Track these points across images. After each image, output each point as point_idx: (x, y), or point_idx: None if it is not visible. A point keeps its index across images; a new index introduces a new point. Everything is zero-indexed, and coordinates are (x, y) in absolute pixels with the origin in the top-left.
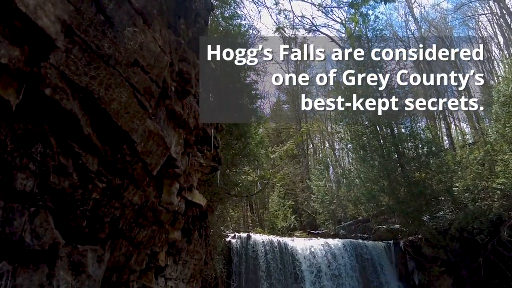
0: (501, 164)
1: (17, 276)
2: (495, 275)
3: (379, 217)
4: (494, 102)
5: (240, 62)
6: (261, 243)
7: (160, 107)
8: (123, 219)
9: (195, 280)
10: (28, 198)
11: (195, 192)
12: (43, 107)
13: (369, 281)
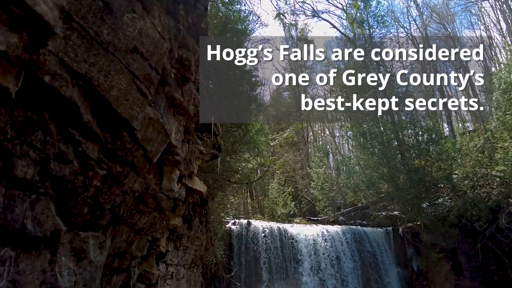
0: (501, 151)
1: (20, 262)
2: (493, 261)
3: (378, 204)
4: (495, 89)
5: (240, 63)
6: (261, 229)
7: (159, 94)
8: (124, 206)
9: (196, 265)
10: (29, 185)
11: (195, 179)
12: (43, 95)
13: (367, 267)
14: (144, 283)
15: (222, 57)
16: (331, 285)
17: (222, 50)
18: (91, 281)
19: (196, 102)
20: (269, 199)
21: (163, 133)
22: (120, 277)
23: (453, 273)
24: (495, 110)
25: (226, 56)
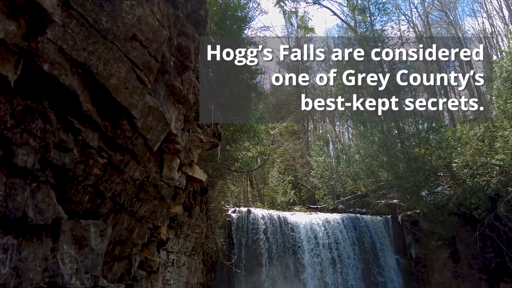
0: (501, 140)
1: (22, 250)
2: (491, 249)
3: (377, 192)
4: (496, 77)
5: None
6: (261, 217)
7: (159, 82)
8: (124, 194)
9: (197, 253)
10: (29, 173)
11: (195, 168)
12: (42, 83)
13: (366, 254)
14: (145, 270)
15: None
16: (330, 272)
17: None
18: (93, 268)
19: (196, 91)
20: (269, 188)
21: (163, 122)
22: (122, 264)
23: (451, 260)
24: (495, 98)
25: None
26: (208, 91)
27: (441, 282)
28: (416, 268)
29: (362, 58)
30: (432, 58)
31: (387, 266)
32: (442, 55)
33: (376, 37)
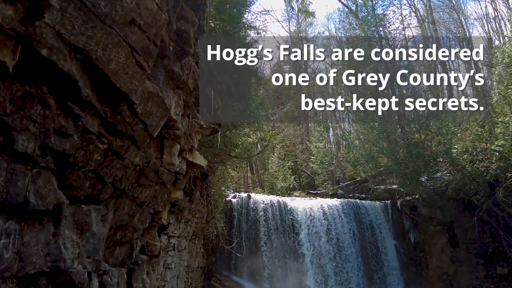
0: (501, 126)
1: (24, 235)
2: (488, 234)
3: (377, 178)
4: (498, 63)
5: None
6: (261, 202)
7: (158, 67)
8: (125, 180)
9: (197, 237)
10: (30, 159)
11: (196, 153)
12: (41, 68)
13: (365, 239)
14: (146, 254)
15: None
16: (329, 257)
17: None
18: (94, 253)
19: (196, 76)
20: (269, 173)
21: (162, 107)
22: (123, 248)
23: (449, 245)
24: (496, 84)
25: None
26: (208, 77)
27: (439, 266)
28: (415, 253)
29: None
30: (432, 58)
31: (386, 250)
32: (442, 55)
33: (378, 21)
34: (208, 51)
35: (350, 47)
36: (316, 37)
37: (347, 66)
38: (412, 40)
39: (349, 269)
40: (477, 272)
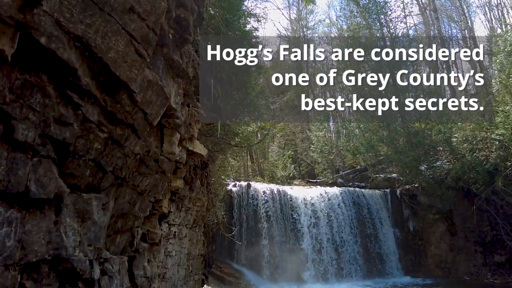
0: (501, 115)
1: (26, 223)
2: (487, 222)
3: (376, 167)
4: (499, 51)
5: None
6: (261, 191)
7: (157, 56)
8: (125, 168)
9: (198, 225)
10: (30, 148)
11: (196, 142)
12: (40, 57)
13: (365, 227)
14: (147, 242)
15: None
16: (329, 245)
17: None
18: (96, 241)
19: (196, 64)
20: (269, 162)
21: (162, 96)
22: (124, 237)
23: (448, 233)
24: (498, 73)
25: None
26: (208, 65)
27: (437, 254)
28: (414, 241)
29: (365, 29)
30: (432, 58)
31: (385, 239)
32: (442, 55)
33: (379, 9)
34: (208, 51)
35: (351, 34)
36: (316, 24)
37: (348, 66)
38: (414, 28)
39: (348, 257)
40: (475, 260)
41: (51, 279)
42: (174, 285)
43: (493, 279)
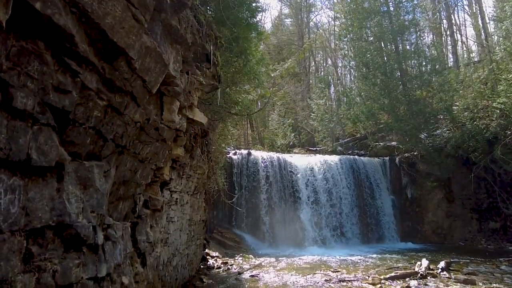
0: (504, 83)
1: (29, 190)
2: (484, 190)
3: (376, 135)
4: (506, 17)
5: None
6: (261, 159)
7: (155, 21)
8: (126, 136)
9: (199, 192)
10: (30, 116)
11: (195, 111)
12: (36, 24)
13: (363, 194)
14: (149, 208)
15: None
16: (327, 211)
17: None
18: (98, 207)
19: (194, 30)
20: (269, 130)
21: (161, 63)
22: (126, 203)
23: (445, 200)
24: (503, 40)
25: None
26: (207, 31)
27: (434, 220)
28: (411, 208)
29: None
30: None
31: (383, 205)
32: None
33: None
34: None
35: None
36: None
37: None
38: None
39: (347, 223)
40: (471, 226)
41: (56, 245)
42: (176, 250)
43: (487, 245)
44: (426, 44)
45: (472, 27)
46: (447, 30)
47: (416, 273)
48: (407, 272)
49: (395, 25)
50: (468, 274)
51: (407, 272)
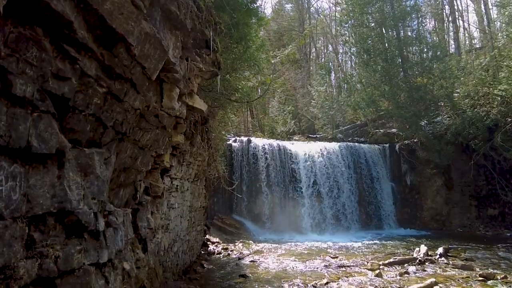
0: (506, 70)
1: (30, 177)
2: (483, 177)
3: (377, 122)
4: (509, 3)
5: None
6: (261, 146)
7: (154, 7)
8: (126, 123)
9: (199, 179)
10: (29, 103)
11: (195, 97)
12: (34, 9)
13: (363, 181)
14: (150, 195)
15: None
16: (327, 197)
17: None
18: (99, 194)
19: (194, 16)
20: (269, 117)
21: (160, 49)
22: (127, 190)
23: (444, 187)
24: (506, 26)
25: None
26: (206, 17)
27: (432, 207)
28: (410, 195)
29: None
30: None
31: (383, 192)
32: None
33: None
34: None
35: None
36: None
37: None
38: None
39: (346, 209)
40: (469, 213)
41: (57, 231)
42: (177, 236)
43: (485, 231)
44: (428, 30)
45: (474, 13)
46: (449, 16)
47: (414, 259)
48: (406, 258)
49: (396, 11)
50: (466, 260)
51: (406, 258)
